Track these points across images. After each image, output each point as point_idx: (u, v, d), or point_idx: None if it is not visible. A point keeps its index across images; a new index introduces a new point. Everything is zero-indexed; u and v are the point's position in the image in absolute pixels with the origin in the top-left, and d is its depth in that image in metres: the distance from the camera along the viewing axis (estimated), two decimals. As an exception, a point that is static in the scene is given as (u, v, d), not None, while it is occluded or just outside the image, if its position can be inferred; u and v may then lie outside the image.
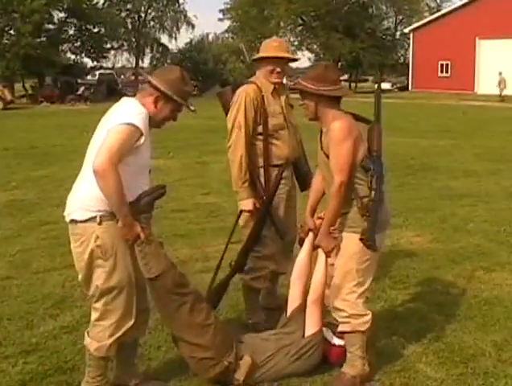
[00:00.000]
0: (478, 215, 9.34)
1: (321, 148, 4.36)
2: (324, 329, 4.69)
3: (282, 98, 5.27)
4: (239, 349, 4.42)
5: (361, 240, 4.16)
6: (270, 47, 5.23)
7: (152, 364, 4.83)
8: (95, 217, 3.89)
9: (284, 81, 5.38)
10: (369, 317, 4.38)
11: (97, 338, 4.09)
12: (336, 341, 4.65)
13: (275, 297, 5.86)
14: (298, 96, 4.46)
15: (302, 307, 4.68)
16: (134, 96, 4.21)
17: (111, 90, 45.81)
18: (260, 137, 5.17)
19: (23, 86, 51.05)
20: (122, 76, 62.20)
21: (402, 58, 68.64)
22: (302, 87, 4.30)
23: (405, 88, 57.12)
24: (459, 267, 6.99)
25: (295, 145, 5.32)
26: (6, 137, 21.41)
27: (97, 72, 53.32)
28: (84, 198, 3.92)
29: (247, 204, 5.13)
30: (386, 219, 4.38)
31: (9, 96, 39.14)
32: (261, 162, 5.19)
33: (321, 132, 4.40)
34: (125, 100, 4.14)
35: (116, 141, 3.77)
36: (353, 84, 64.28)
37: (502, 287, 6.36)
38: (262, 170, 5.19)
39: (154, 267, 4.07)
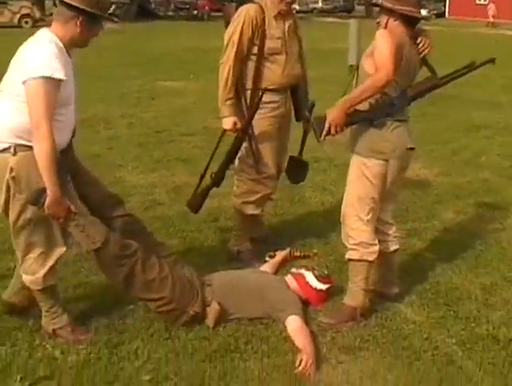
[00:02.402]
0: (492, 149, 9.03)
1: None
2: (305, 272, 4.54)
3: (287, 24, 5.06)
4: (207, 294, 4.24)
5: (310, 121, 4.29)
6: None
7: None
8: (9, 148, 3.72)
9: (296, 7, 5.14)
10: (377, 247, 4.27)
11: (30, 271, 3.95)
12: (318, 285, 4.49)
13: (261, 227, 5.69)
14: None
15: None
16: (164, 16, 4.09)
17: (143, 9, 45.17)
18: (254, 58, 5.00)
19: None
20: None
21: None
22: (379, 2, 4.26)
23: (441, 15, 55.70)
24: (462, 202, 6.76)
25: (292, 73, 5.10)
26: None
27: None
28: None
29: (227, 122, 5.02)
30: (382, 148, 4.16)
31: (38, 14, 38.76)
32: (250, 84, 5.03)
33: None
34: (40, 33, 3.86)
35: (38, 99, 3.60)
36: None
37: (504, 226, 6.11)
38: (249, 92, 5.04)
39: (97, 235, 3.91)
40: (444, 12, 56.97)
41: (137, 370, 3.70)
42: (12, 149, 3.70)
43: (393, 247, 4.50)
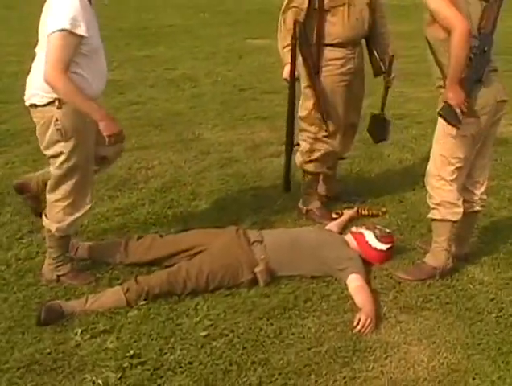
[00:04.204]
0: None
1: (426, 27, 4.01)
2: (366, 231, 4.48)
3: None
4: (256, 251, 4.22)
5: (439, 114, 3.92)
6: None
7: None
8: (53, 101, 3.88)
9: None
10: (461, 208, 4.15)
11: (56, 218, 4.15)
12: (378, 245, 4.42)
13: (332, 184, 5.62)
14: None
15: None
16: None
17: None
18: (315, 12, 4.84)
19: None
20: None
21: None
22: None
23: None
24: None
25: (357, 25, 4.93)
26: (121, 18, 21.50)
27: None
28: (43, 82, 3.84)
29: (286, 71, 5.01)
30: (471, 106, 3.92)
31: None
32: (313, 39, 4.89)
33: None
34: None
35: (55, 51, 3.73)
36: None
37: None
38: (314, 48, 4.90)
39: None
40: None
41: (194, 326, 3.73)
42: (57, 103, 3.86)
43: (477, 207, 4.36)
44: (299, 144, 5.17)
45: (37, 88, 3.91)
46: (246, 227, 4.72)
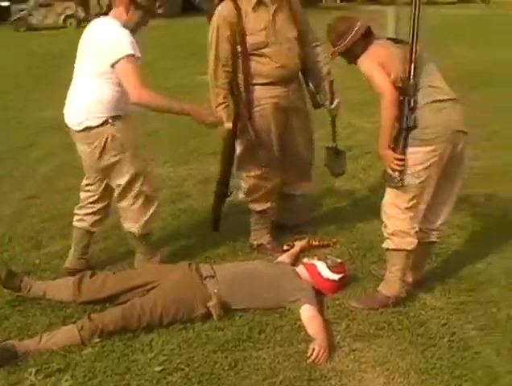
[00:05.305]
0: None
1: None
2: (317, 262, 4.51)
3: (271, 10, 4.82)
4: (209, 286, 4.22)
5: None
6: None
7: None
8: (107, 120, 4.41)
9: None
10: (415, 238, 4.19)
11: (134, 219, 4.71)
12: (330, 275, 4.46)
13: (291, 213, 5.63)
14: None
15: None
16: (208, 11, 4.73)
17: (187, 4, 45.30)
18: (240, 55, 4.85)
19: (98, 3, 50.95)
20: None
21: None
22: (336, 51, 4.34)
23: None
24: (493, 186, 6.57)
25: (287, 63, 4.89)
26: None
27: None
28: (91, 105, 4.40)
29: (221, 131, 4.93)
30: (423, 135, 4.04)
31: (82, 14, 39.29)
32: (242, 81, 4.90)
33: None
34: (103, 21, 4.51)
35: (130, 74, 4.28)
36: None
37: (534, 209, 5.97)
38: (242, 89, 4.90)
39: None
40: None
41: (149, 361, 3.72)
42: (110, 120, 4.41)
43: (433, 238, 4.42)
44: (230, 194, 5.16)
45: (88, 112, 4.41)
46: (199, 261, 4.71)
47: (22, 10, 40.20)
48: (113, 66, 4.29)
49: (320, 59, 5.13)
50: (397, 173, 4.05)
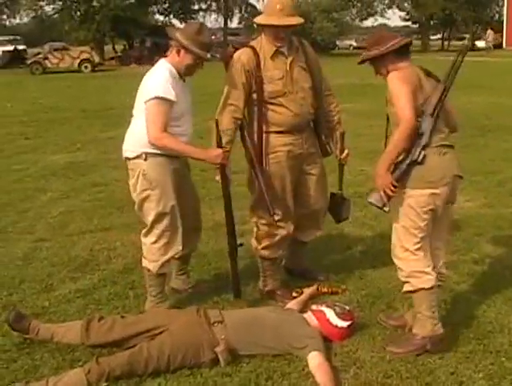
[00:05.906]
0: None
1: (386, 104, 4.27)
2: (326, 309, 4.52)
3: (289, 60, 4.89)
4: (216, 331, 4.21)
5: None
6: (272, 11, 4.79)
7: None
8: (141, 155, 4.65)
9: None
10: (432, 275, 4.21)
11: (154, 258, 4.82)
12: (339, 322, 4.45)
13: (299, 259, 5.65)
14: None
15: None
16: (221, 58, 4.99)
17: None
18: (256, 103, 4.89)
19: (113, 48, 51.80)
20: (213, 37, 62.04)
21: (496, 15, 66.13)
22: (365, 56, 4.34)
23: (499, 46, 55.25)
24: (504, 234, 6.60)
25: (301, 112, 4.93)
26: (86, 99, 21.74)
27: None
28: (133, 139, 4.74)
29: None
30: (429, 177, 4.10)
31: (97, 59, 39.90)
32: (256, 129, 4.93)
33: None
34: (158, 62, 4.80)
35: (154, 116, 4.55)
36: (445, 43, 62.80)
37: (545, 258, 5.95)
38: (257, 138, 4.92)
39: None
40: (502, 43, 56.43)
41: (156, 406, 3.72)
42: (143, 156, 4.65)
43: (438, 282, 4.37)
44: (242, 244, 5.10)
45: (129, 144, 4.77)
46: (207, 307, 4.72)
47: (38, 54, 40.99)
48: (145, 104, 4.57)
49: (332, 108, 5.20)
50: (385, 198, 4.13)
